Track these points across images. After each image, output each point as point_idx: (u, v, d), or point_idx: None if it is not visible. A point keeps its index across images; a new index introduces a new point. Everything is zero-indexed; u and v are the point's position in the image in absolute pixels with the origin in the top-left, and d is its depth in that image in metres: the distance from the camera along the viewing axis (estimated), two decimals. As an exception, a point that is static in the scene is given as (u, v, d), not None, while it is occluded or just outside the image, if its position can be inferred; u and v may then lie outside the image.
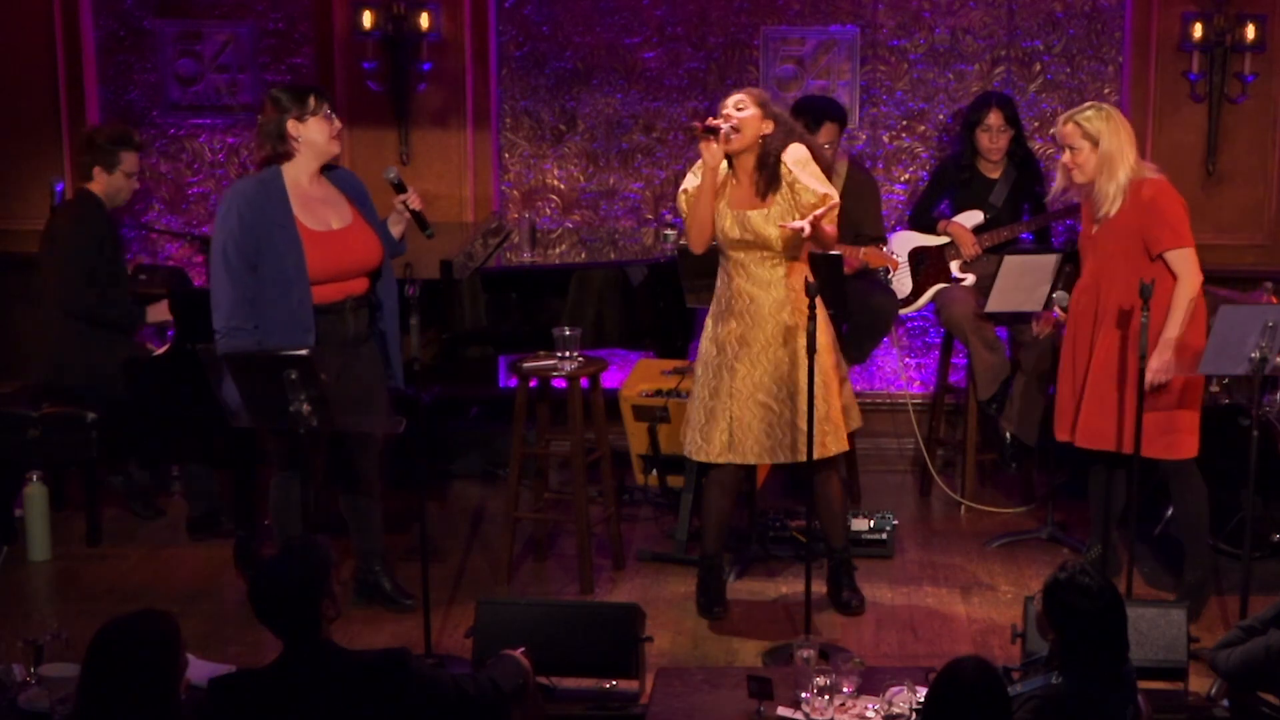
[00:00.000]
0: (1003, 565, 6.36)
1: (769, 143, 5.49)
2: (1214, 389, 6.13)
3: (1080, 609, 3.96)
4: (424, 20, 7.43)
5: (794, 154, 5.50)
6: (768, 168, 5.50)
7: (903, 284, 7.02)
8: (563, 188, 7.76)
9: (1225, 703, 4.96)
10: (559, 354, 5.97)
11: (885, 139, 7.64)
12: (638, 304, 6.65)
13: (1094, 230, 5.68)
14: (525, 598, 5.85)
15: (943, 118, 7.60)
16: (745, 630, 5.75)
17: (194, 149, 7.80)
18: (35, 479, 6.38)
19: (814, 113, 6.63)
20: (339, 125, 5.55)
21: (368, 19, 7.39)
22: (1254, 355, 5.26)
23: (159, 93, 7.77)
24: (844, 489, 5.89)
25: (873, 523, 6.40)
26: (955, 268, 6.99)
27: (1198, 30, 7.23)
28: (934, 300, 7.02)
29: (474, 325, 6.49)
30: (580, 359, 6.00)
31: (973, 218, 6.96)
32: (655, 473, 6.55)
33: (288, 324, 5.39)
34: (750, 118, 5.48)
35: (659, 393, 6.43)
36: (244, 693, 3.84)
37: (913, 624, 5.82)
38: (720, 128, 5.46)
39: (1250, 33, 7.18)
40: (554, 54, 7.67)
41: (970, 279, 6.94)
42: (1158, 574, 6.14)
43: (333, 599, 3.90)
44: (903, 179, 7.66)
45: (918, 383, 7.71)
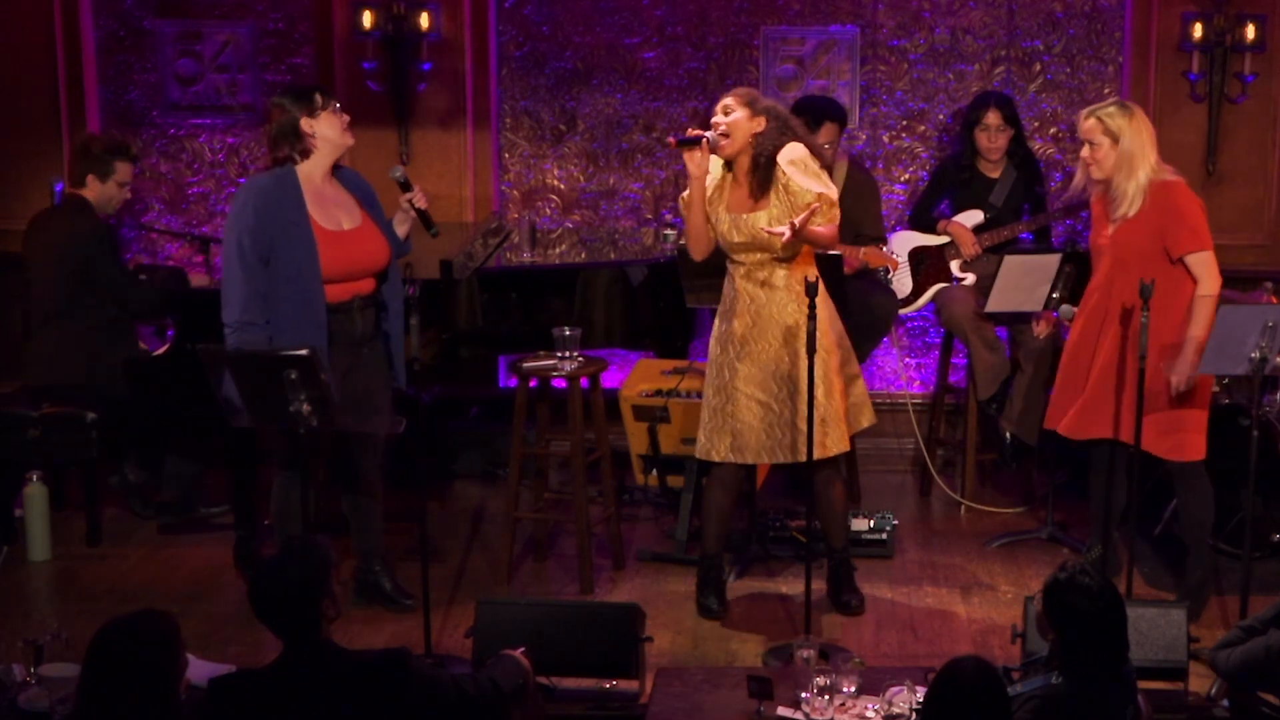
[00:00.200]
0: (1003, 565, 6.36)
1: (762, 141, 5.45)
2: (1214, 389, 6.12)
3: (1080, 609, 3.96)
4: (424, 20, 7.43)
5: (789, 154, 5.46)
6: (761, 168, 5.47)
7: (903, 284, 7.02)
8: (563, 188, 7.77)
9: (1225, 703, 4.97)
10: (559, 354, 5.97)
11: (885, 139, 7.64)
12: (638, 304, 6.65)
13: (1110, 230, 5.64)
14: (525, 598, 5.85)
15: (943, 118, 7.60)
16: (745, 630, 5.75)
17: (194, 149, 7.80)
18: (35, 479, 6.38)
19: (814, 113, 6.63)
20: (347, 118, 5.58)
21: (368, 19, 7.39)
22: (1254, 355, 5.26)
23: (159, 93, 7.77)
24: (845, 489, 5.89)
25: (873, 523, 6.40)
26: (955, 267, 6.99)
27: (1198, 30, 7.23)
28: (934, 300, 7.02)
29: (474, 325, 6.49)
30: (580, 359, 6.00)
31: (973, 217, 6.96)
32: (655, 473, 6.55)
33: (299, 321, 5.40)
34: (738, 120, 5.44)
35: (659, 393, 6.43)
36: (244, 693, 3.84)
37: (913, 624, 5.82)
38: (701, 137, 5.43)
39: (1250, 33, 7.18)
40: (554, 54, 7.67)
41: (970, 279, 6.94)
42: (1158, 574, 6.14)
43: (333, 599, 3.90)
44: (903, 179, 7.66)
45: (918, 383, 7.71)
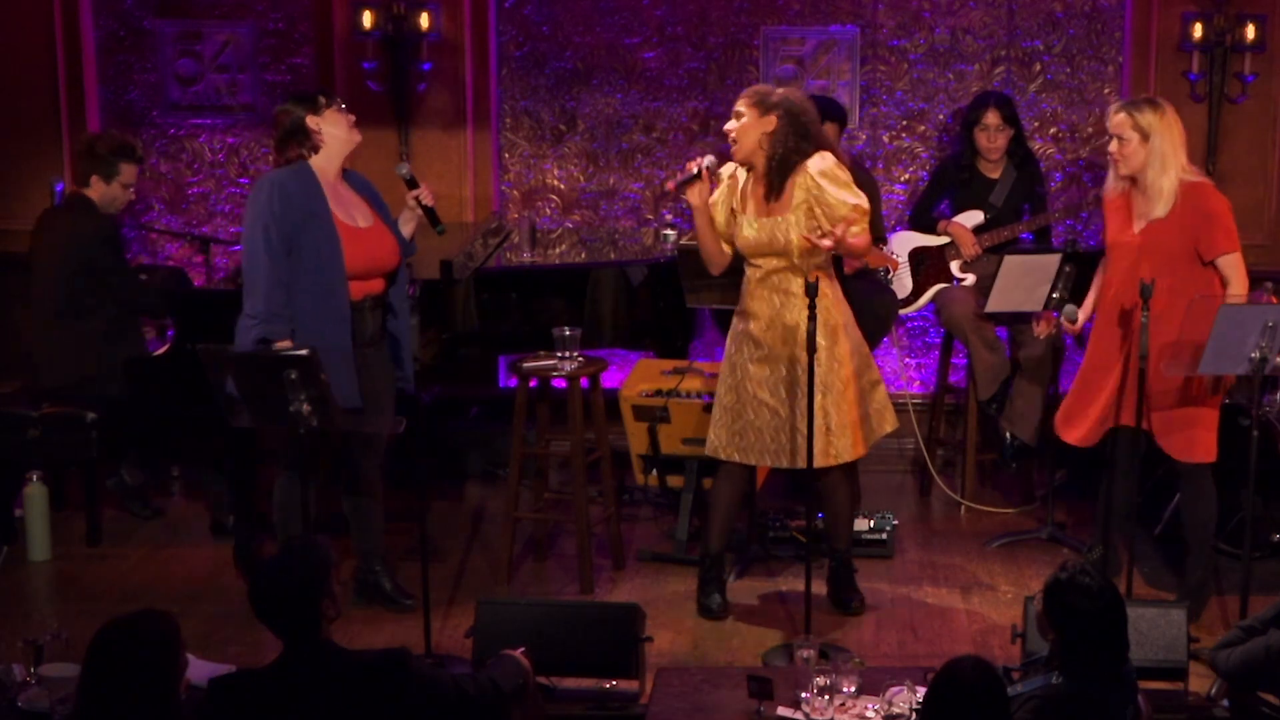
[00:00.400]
0: (1003, 565, 6.36)
1: (775, 142, 5.39)
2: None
3: (1080, 609, 3.96)
4: (424, 20, 7.43)
5: (820, 164, 5.40)
6: (775, 170, 5.42)
7: (903, 284, 7.02)
8: (563, 188, 7.77)
9: (1225, 703, 4.97)
10: (559, 354, 5.97)
11: (885, 139, 7.64)
12: (638, 304, 6.65)
13: (1137, 229, 5.61)
14: (525, 598, 5.85)
15: (943, 118, 7.60)
16: (745, 630, 5.75)
17: (194, 149, 7.80)
18: (35, 479, 6.38)
19: (814, 113, 6.62)
20: (353, 117, 5.60)
21: (368, 19, 7.39)
22: (1254, 355, 5.26)
23: (159, 93, 7.77)
24: (853, 494, 5.86)
25: (873, 523, 6.40)
26: (955, 268, 6.99)
27: (1198, 30, 7.23)
28: (934, 300, 7.02)
29: (474, 325, 6.49)
30: (580, 359, 6.00)
31: (973, 218, 6.96)
32: (655, 473, 6.55)
33: (321, 316, 5.41)
34: (746, 125, 5.39)
35: (659, 393, 6.43)
36: (244, 693, 3.84)
37: (913, 624, 5.82)
38: (699, 169, 5.42)
39: (1250, 33, 7.19)
40: (554, 54, 7.67)
41: (970, 279, 6.94)
42: (1158, 574, 6.14)
43: (333, 599, 3.90)
44: (903, 179, 7.66)
45: (918, 383, 7.71)
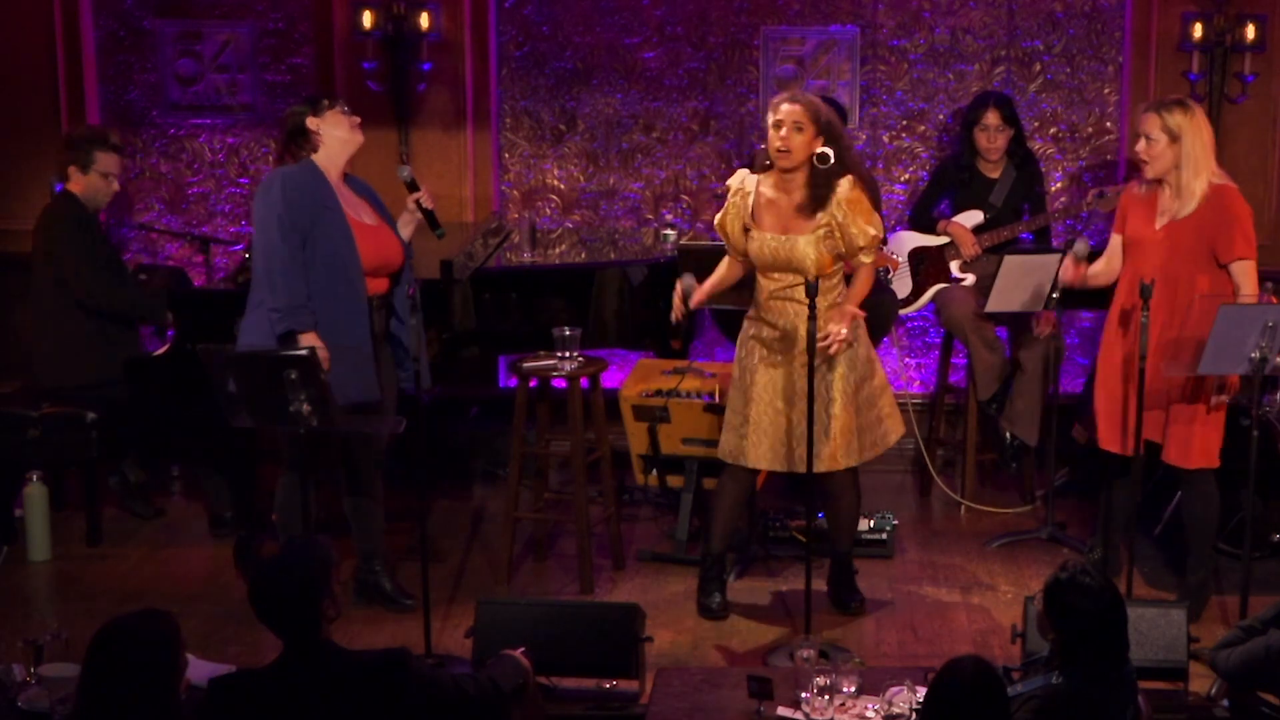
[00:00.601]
0: (1003, 565, 6.36)
1: (820, 161, 5.39)
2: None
3: (1081, 609, 3.96)
4: (424, 20, 7.43)
5: (846, 191, 5.40)
6: (818, 188, 5.41)
7: (903, 284, 7.02)
8: (563, 188, 7.77)
9: (1225, 703, 4.96)
10: (559, 354, 5.97)
11: (885, 139, 7.64)
12: (638, 304, 6.65)
13: (1159, 225, 5.61)
14: (525, 598, 5.85)
15: (943, 118, 7.60)
16: (745, 630, 5.75)
17: (194, 149, 7.80)
18: (35, 479, 6.38)
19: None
20: (357, 119, 5.62)
21: (368, 19, 7.39)
22: (1254, 355, 5.26)
23: (159, 93, 7.77)
24: (858, 497, 5.86)
25: (873, 523, 6.40)
26: (955, 268, 6.99)
27: (1198, 30, 7.23)
28: (934, 300, 7.01)
29: (474, 325, 6.49)
30: (580, 359, 6.00)
31: (973, 218, 6.96)
32: (655, 473, 6.55)
33: (339, 309, 5.43)
34: (805, 140, 5.38)
35: (659, 393, 6.42)
36: (244, 693, 3.84)
37: (913, 624, 5.82)
38: (684, 304, 5.69)
39: (1250, 33, 7.18)
40: (554, 54, 7.67)
41: (970, 279, 6.94)
42: (1158, 574, 6.14)
43: (333, 599, 3.90)
44: (903, 179, 7.66)
45: (918, 383, 7.71)
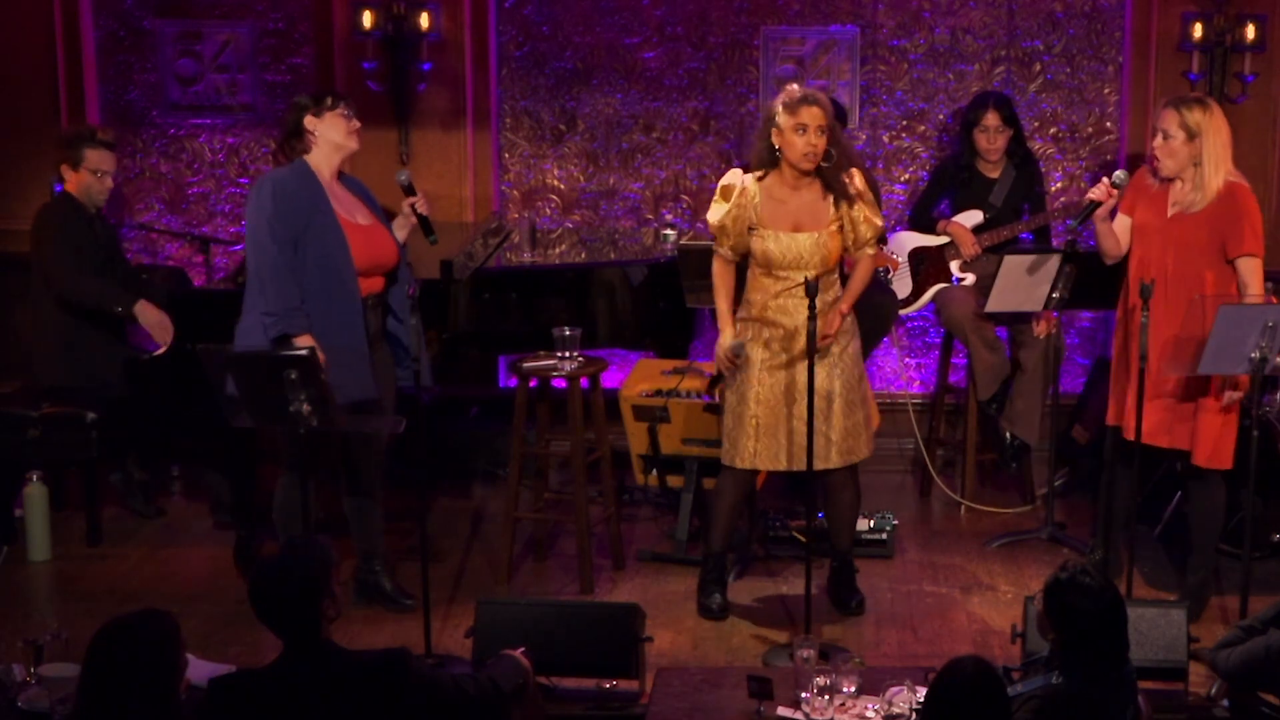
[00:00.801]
0: (1003, 565, 6.36)
1: (826, 158, 5.46)
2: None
3: (1081, 609, 3.96)
4: (424, 20, 7.43)
5: (857, 184, 5.51)
6: (835, 183, 5.48)
7: (903, 284, 7.02)
8: (563, 188, 7.77)
9: (1225, 703, 4.96)
10: (559, 354, 5.97)
11: (885, 139, 7.64)
12: (638, 304, 6.65)
13: (1169, 215, 5.61)
14: (525, 598, 5.85)
15: (943, 118, 7.60)
16: (745, 630, 5.75)
17: (194, 149, 7.80)
18: (35, 479, 6.38)
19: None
20: (358, 124, 5.61)
21: (368, 19, 7.39)
22: (1254, 355, 5.26)
23: (159, 93, 7.77)
24: (857, 495, 5.87)
25: (873, 523, 6.40)
26: (955, 268, 6.99)
27: (1198, 30, 7.23)
28: (934, 300, 7.01)
29: (474, 325, 6.49)
30: (580, 359, 6.00)
31: (972, 217, 6.96)
32: (655, 473, 6.55)
33: (333, 310, 5.42)
34: (826, 141, 5.44)
35: (659, 393, 6.42)
36: (244, 693, 3.84)
37: (913, 624, 5.82)
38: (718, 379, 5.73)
39: (1250, 33, 7.18)
40: (554, 54, 7.67)
41: (970, 279, 6.94)
42: (1158, 574, 6.14)
43: (333, 599, 3.90)
44: (903, 179, 7.66)
45: (918, 383, 7.71)
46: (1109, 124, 7.55)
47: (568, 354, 5.95)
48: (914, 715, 4.41)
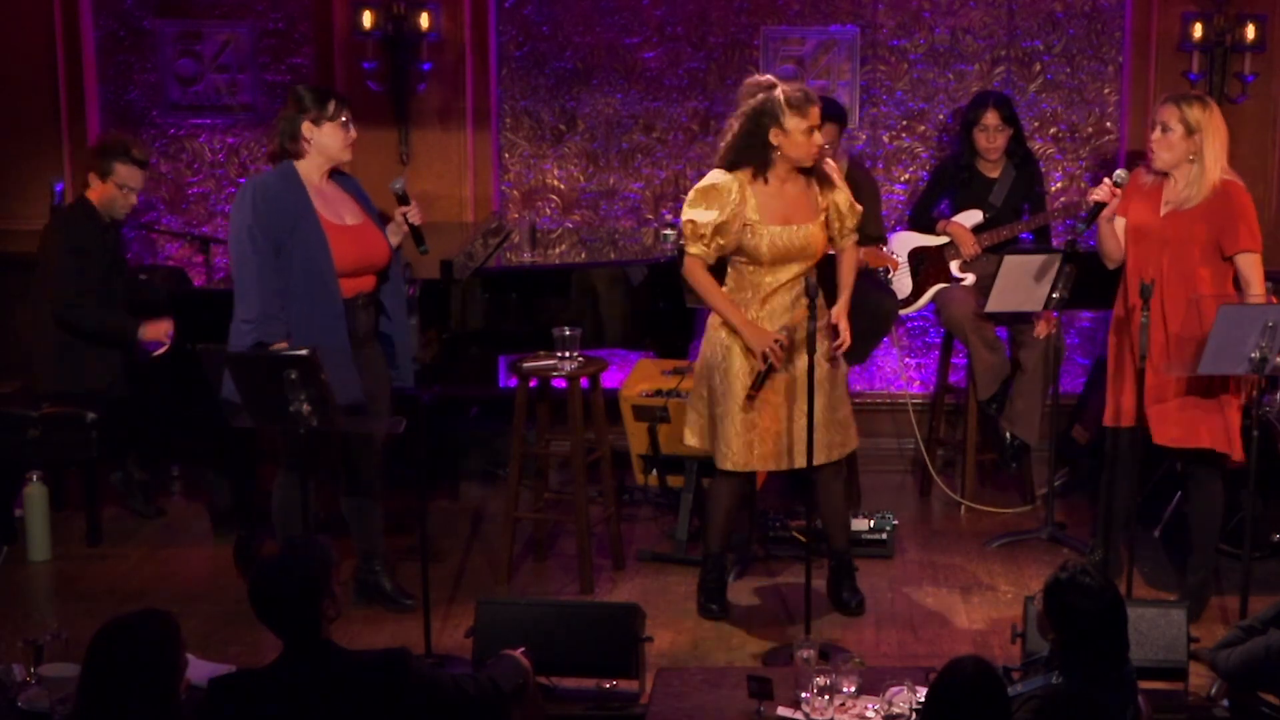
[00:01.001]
0: (1003, 565, 6.35)
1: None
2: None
3: (1081, 609, 3.96)
4: (424, 20, 7.43)
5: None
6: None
7: (903, 284, 7.02)
8: (563, 188, 7.77)
9: (1225, 703, 4.97)
10: (559, 354, 5.97)
11: (885, 139, 7.64)
12: (638, 304, 6.65)
13: (1162, 214, 5.61)
14: (525, 598, 5.85)
15: (943, 118, 7.60)
16: (745, 630, 5.75)
17: (194, 149, 7.80)
18: (35, 479, 6.38)
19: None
20: (354, 135, 5.58)
21: (368, 19, 7.39)
22: (1254, 355, 5.26)
23: (159, 93, 7.77)
24: (846, 490, 5.87)
25: (873, 523, 6.40)
26: (955, 268, 6.99)
27: (1198, 30, 7.23)
28: (934, 300, 7.01)
29: (474, 325, 6.49)
30: (580, 359, 6.00)
31: (972, 217, 6.96)
32: (655, 473, 6.55)
33: (315, 315, 5.41)
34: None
35: (659, 393, 6.43)
36: (244, 693, 3.84)
37: (913, 624, 5.82)
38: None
39: (1250, 33, 7.18)
40: (554, 54, 7.67)
41: (970, 279, 6.94)
42: (1158, 574, 6.14)
43: (333, 599, 3.90)
44: (903, 179, 7.66)
45: (918, 383, 7.71)
46: (1109, 124, 7.55)
47: (568, 354, 5.95)
48: (914, 715, 4.41)
